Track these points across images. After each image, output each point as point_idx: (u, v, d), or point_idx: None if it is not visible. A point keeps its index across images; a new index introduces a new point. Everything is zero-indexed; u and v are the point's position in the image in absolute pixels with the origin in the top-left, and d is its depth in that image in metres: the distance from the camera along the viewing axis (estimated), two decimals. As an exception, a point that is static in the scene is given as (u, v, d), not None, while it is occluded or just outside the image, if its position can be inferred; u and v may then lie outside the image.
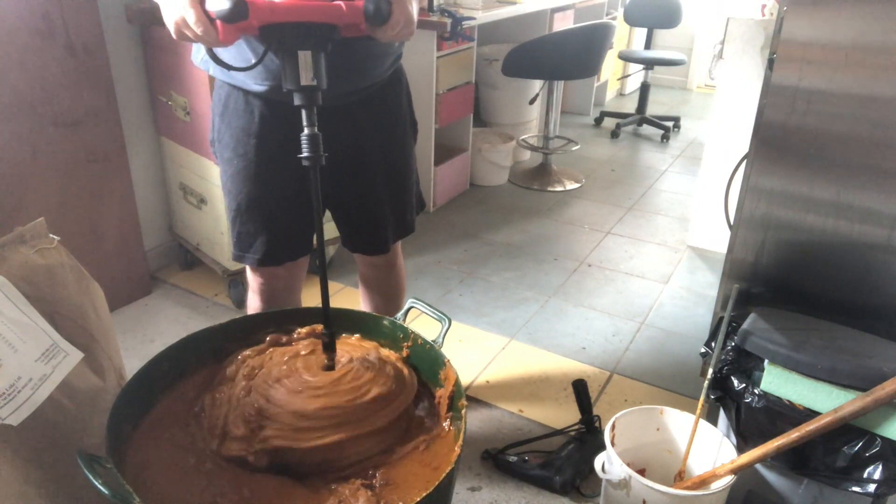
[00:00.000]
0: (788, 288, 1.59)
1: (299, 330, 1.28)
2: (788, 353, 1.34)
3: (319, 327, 1.27)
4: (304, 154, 1.03)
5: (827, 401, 1.29)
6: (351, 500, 0.98)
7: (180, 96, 2.26)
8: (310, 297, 2.49)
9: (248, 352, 1.22)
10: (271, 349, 1.22)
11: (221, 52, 1.23)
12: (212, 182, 2.27)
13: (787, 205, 1.53)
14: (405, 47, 1.46)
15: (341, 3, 1.00)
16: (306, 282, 2.56)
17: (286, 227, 1.43)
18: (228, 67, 1.08)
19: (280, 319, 1.31)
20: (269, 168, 1.37)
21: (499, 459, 1.73)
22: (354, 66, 1.30)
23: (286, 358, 1.16)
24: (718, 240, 2.83)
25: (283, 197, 1.40)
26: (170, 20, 0.98)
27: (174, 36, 0.99)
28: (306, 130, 1.03)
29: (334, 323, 1.31)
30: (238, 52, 1.23)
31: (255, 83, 1.29)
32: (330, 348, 1.14)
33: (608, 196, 3.57)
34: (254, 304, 1.58)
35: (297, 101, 1.02)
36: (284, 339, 1.27)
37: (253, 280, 1.55)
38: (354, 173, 1.43)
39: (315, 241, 1.35)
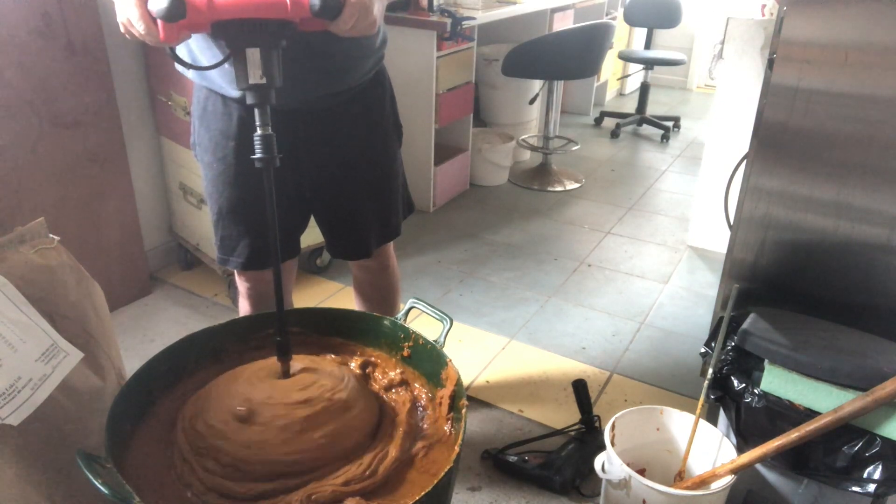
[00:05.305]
0: (788, 288, 1.59)
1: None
2: (788, 353, 1.34)
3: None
4: (257, 155, 1.00)
5: (827, 401, 1.29)
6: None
7: (180, 96, 2.26)
8: (307, 298, 2.50)
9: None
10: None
11: (197, 53, 1.22)
12: (212, 182, 2.27)
13: (787, 205, 1.53)
14: (405, 48, 1.45)
15: None
16: (303, 282, 2.59)
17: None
18: (188, 66, 1.08)
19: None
20: (248, 171, 1.33)
21: (499, 459, 1.73)
22: (333, 69, 1.28)
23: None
24: (718, 240, 2.82)
25: (264, 200, 1.37)
26: (119, 19, 0.98)
27: (125, 34, 0.99)
28: (259, 130, 1.00)
29: (334, 325, 1.32)
30: (212, 53, 1.21)
31: (232, 88, 1.26)
32: (285, 353, 1.10)
33: (608, 196, 3.57)
34: (244, 308, 1.58)
35: (248, 99, 1.00)
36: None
37: (241, 284, 1.55)
38: (336, 176, 1.41)
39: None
